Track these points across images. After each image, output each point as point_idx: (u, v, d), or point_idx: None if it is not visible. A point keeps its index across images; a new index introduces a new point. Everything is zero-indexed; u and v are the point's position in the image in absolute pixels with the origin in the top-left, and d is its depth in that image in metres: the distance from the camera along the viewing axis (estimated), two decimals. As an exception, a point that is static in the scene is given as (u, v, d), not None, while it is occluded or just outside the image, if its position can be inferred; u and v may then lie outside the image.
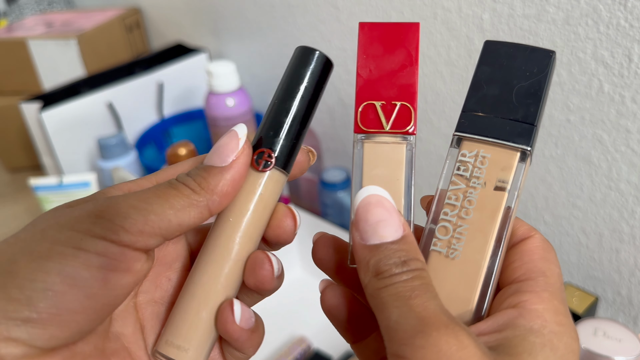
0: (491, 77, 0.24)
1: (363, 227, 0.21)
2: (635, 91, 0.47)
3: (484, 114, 0.24)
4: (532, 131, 0.23)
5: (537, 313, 0.20)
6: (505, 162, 0.23)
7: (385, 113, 0.24)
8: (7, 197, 1.09)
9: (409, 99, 0.24)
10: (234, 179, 0.23)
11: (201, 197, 0.22)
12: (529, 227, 0.24)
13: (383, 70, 0.25)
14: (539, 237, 0.24)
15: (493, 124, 0.24)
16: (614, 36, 0.46)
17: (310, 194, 0.80)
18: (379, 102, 0.24)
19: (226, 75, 0.75)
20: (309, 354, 0.61)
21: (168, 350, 0.24)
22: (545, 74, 0.24)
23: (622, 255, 0.54)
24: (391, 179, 0.24)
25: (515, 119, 0.24)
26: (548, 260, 0.23)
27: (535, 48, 0.25)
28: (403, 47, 0.24)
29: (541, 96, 0.24)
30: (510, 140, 0.23)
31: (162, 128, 0.96)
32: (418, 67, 0.25)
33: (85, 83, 0.89)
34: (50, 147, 0.85)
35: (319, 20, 0.76)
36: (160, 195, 0.22)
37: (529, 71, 0.24)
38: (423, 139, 0.69)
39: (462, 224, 0.23)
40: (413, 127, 0.24)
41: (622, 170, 0.51)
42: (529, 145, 0.23)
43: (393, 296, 0.20)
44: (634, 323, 0.56)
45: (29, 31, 1.08)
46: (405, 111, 0.24)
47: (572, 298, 0.52)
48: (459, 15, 0.58)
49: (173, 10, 1.12)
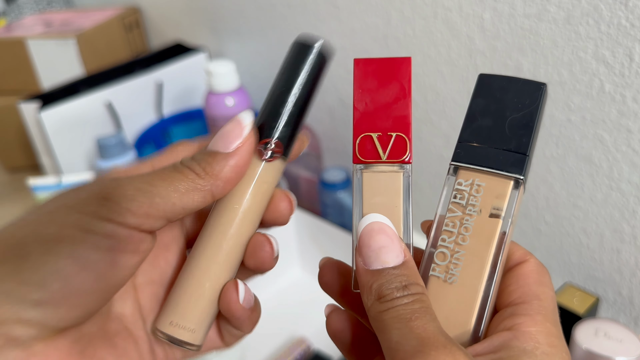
0: (485, 109, 0.26)
1: (366, 253, 0.23)
2: (636, 91, 0.47)
3: (478, 145, 0.25)
4: (525, 161, 0.24)
5: (530, 335, 0.21)
6: (499, 190, 0.25)
7: (382, 144, 0.26)
8: (5, 197, 1.09)
9: (403, 130, 0.26)
10: (238, 166, 0.24)
11: (205, 182, 0.23)
12: (525, 252, 0.25)
13: (378, 103, 0.26)
14: (534, 261, 0.25)
15: (487, 154, 0.25)
16: (615, 36, 0.46)
17: (310, 194, 0.80)
18: (376, 134, 0.26)
19: (226, 74, 0.75)
20: (309, 354, 0.61)
21: (170, 329, 0.24)
22: (537, 105, 0.25)
23: (623, 255, 0.54)
24: (390, 206, 0.25)
25: (509, 149, 0.25)
26: (542, 283, 0.24)
27: (527, 81, 0.26)
28: (396, 80, 0.26)
29: (533, 127, 0.25)
30: (504, 170, 0.25)
31: (162, 128, 0.96)
32: (411, 99, 0.26)
33: (84, 82, 0.89)
34: (49, 147, 0.84)
35: (318, 20, 0.75)
36: (165, 178, 0.23)
37: (521, 103, 0.25)
38: (423, 138, 0.69)
39: (459, 250, 0.24)
40: (409, 156, 0.26)
41: (623, 170, 0.51)
42: (522, 174, 0.24)
43: (394, 318, 0.21)
44: (634, 323, 0.56)
45: (28, 30, 1.07)
46: (401, 141, 0.26)
47: (573, 298, 0.52)
48: (460, 15, 0.58)
49: (172, 10, 1.12)
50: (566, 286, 0.54)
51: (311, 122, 0.86)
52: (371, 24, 0.68)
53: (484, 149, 0.25)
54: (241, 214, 0.25)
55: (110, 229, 0.21)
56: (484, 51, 0.57)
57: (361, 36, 0.70)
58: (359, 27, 0.70)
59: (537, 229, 0.61)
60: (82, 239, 0.21)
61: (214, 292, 0.24)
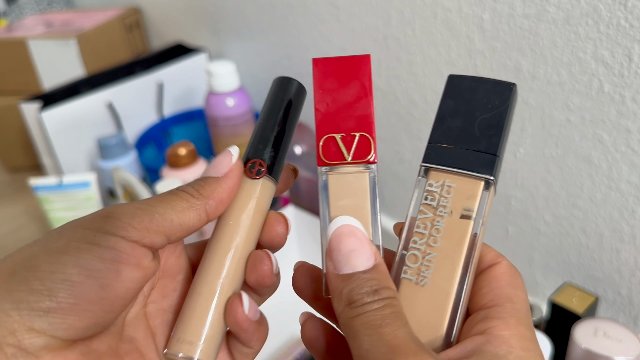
0: (455, 110, 0.26)
1: (336, 257, 0.23)
2: (635, 91, 0.47)
3: (448, 146, 0.25)
4: (495, 161, 0.24)
5: (503, 339, 0.21)
6: (470, 191, 0.25)
7: (346, 144, 0.25)
8: (7, 197, 1.09)
9: (366, 129, 0.25)
10: (229, 187, 0.26)
11: (199, 201, 0.25)
12: (496, 254, 0.25)
13: (340, 103, 0.26)
14: (506, 263, 0.25)
15: (458, 155, 0.25)
16: (614, 36, 0.46)
17: (310, 194, 0.80)
18: (339, 135, 0.25)
19: (226, 75, 0.75)
20: (309, 354, 0.61)
21: (179, 347, 0.25)
22: (506, 106, 0.25)
23: (622, 255, 0.54)
24: (357, 207, 0.25)
25: (479, 150, 0.25)
26: (515, 286, 0.24)
27: (496, 81, 0.26)
28: (357, 79, 0.26)
29: (503, 127, 0.25)
30: (474, 170, 0.24)
31: (162, 128, 0.96)
32: (372, 98, 0.26)
33: (85, 83, 0.89)
34: (50, 147, 0.84)
35: (319, 20, 0.76)
36: (162, 199, 0.25)
37: (491, 104, 0.25)
38: (423, 138, 0.69)
39: (431, 252, 0.24)
40: (374, 156, 0.25)
41: (622, 170, 0.51)
42: (492, 174, 0.24)
43: (364, 325, 0.21)
44: (634, 323, 0.56)
45: (29, 31, 1.08)
46: (365, 141, 0.25)
47: (572, 298, 0.52)
48: (459, 15, 0.58)
49: (173, 10, 1.12)
50: (566, 286, 0.54)
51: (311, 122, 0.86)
52: (371, 25, 0.68)
53: (454, 150, 0.25)
54: (237, 229, 0.26)
55: (114, 241, 0.23)
56: (483, 51, 0.57)
57: (361, 36, 0.71)
58: (359, 27, 0.70)
59: (537, 228, 0.61)
60: (87, 250, 0.22)
61: (219, 306, 0.25)
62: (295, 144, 0.77)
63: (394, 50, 0.67)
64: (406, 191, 0.76)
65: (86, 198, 0.74)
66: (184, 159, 0.71)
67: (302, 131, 0.77)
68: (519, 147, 0.58)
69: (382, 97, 0.71)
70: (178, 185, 0.26)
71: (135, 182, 0.67)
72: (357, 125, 0.25)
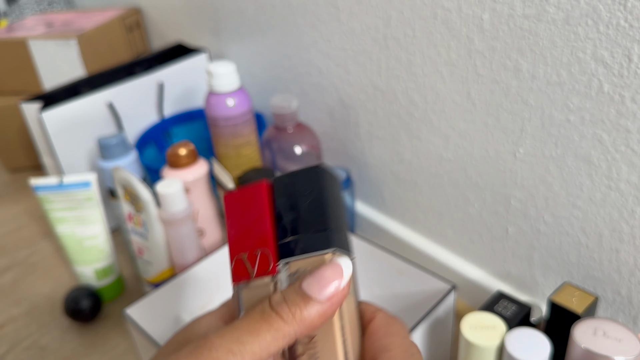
0: (285, 207, 0.28)
1: None
2: (635, 91, 0.47)
3: (292, 238, 0.27)
4: (329, 235, 0.26)
5: None
6: None
7: (251, 262, 0.28)
8: (7, 197, 1.09)
9: (265, 245, 0.28)
10: (327, 315, 0.24)
11: (291, 329, 0.23)
12: (373, 309, 0.26)
13: (244, 226, 0.29)
14: (382, 315, 0.26)
15: (301, 241, 0.27)
16: (614, 36, 0.46)
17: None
18: (245, 254, 0.28)
19: (226, 75, 0.75)
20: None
21: None
22: (320, 187, 0.28)
23: (622, 255, 0.54)
24: None
25: (315, 231, 0.27)
26: (390, 334, 0.25)
27: (304, 170, 0.29)
28: (254, 203, 0.29)
29: (325, 205, 0.27)
30: (315, 250, 0.26)
31: (163, 128, 0.96)
32: (269, 219, 0.28)
33: (86, 83, 0.89)
34: (50, 147, 0.85)
35: (319, 20, 0.76)
36: (251, 330, 0.23)
37: (308, 190, 0.28)
38: (423, 138, 0.69)
39: (314, 347, 0.26)
40: (272, 267, 0.27)
41: (622, 170, 0.51)
42: (330, 246, 0.26)
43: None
44: (633, 323, 0.56)
45: (29, 31, 1.08)
46: (264, 256, 0.28)
47: (572, 298, 0.52)
48: (459, 15, 0.58)
49: (173, 10, 1.13)
50: (565, 285, 0.54)
51: (311, 122, 0.86)
52: (371, 25, 0.68)
53: (297, 240, 0.27)
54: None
55: None
56: (483, 52, 0.57)
57: (361, 37, 0.71)
58: (358, 27, 0.70)
59: (536, 228, 0.61)
60: None
61: None
62: (295, 144, 0.77)
63: (393, 50, 0.67)
64: (406, 191, 0.76)
65: (87, 198, 0.74)
66: (184, 159, 0.71)
67: (303, 131, 0.77)
68: (518, 147, 0.58)
69: (382, 97, 0.71)
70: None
71: (136, 182, 0.67)
72: (257, 243, 0.28)
